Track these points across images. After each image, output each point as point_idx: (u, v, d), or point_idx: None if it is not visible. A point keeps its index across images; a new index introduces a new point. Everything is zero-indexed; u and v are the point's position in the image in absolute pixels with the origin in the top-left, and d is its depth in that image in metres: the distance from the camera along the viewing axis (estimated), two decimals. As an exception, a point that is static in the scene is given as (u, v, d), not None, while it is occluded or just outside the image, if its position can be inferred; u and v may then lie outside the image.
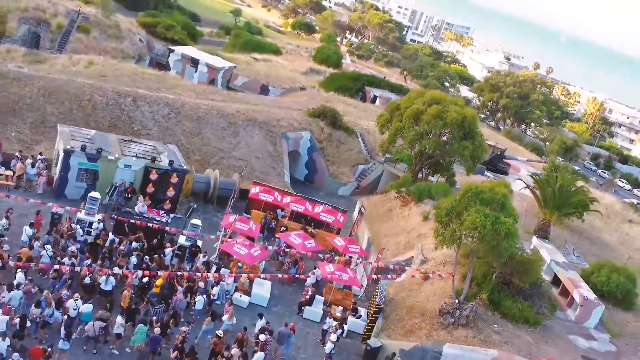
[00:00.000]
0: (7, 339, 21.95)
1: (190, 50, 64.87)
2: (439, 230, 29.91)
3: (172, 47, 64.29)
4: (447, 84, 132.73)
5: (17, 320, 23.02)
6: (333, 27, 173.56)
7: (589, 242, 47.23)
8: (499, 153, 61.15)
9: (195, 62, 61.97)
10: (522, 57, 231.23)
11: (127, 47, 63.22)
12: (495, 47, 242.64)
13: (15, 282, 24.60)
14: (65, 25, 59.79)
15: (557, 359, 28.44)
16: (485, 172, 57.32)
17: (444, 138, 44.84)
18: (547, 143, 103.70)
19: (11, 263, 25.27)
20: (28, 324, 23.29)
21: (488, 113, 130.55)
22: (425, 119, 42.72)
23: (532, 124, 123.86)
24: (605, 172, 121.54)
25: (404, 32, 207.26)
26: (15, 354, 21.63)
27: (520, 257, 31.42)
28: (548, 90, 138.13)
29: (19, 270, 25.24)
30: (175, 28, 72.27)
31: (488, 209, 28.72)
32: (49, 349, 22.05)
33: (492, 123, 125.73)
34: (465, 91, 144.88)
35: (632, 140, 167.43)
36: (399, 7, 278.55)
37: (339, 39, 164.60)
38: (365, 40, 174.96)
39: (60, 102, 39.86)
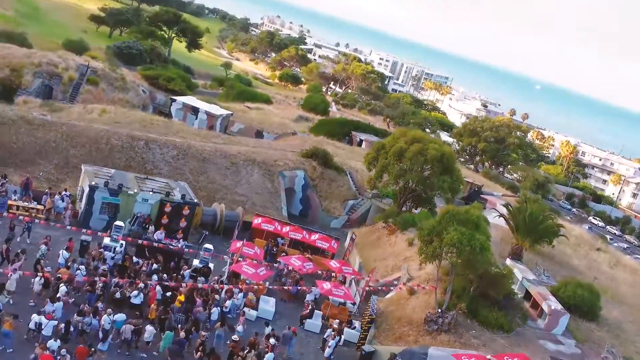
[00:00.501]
0: (58, 340, 25.41)
1: (190, 100, 69.44)
2: (423, 248, 33.93)
3: (174, 97, 68.87)
4: (427, 130, 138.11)
5: (62, 326, 26.56)
6: (318, 78, 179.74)
7: (559, 265, 51.24)
8: (476, 189, 65.52)
9: (195, 110, 66.44)
10: (499, 104, 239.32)
11: (132, 97, 67.63)
12: (473, 95, 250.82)
13: (58, 295, 28.18)
14: (75, 78, 64.17)
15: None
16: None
17: (425, 173, 49.09)
18: (522, 181, 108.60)
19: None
20: (71, 329, 26.80)
21: (467, 157, 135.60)
22: (408, 155, 47.07)
23: (509, 166, 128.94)
24: (579, 210, 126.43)
25: (386, 82, 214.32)
26: (64, 350, 25.07)
27: (493, 272, 35.41)
28: (523, 134, 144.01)
29: (61, 285, 28.82)
30: (175, 80, 77.09)
31: (464, 228, 32.84)
32: (92, 349, 25.61)
33: (472, 166, 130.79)
34: (445, 137, 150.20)
35: (604, 181, 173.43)
36: (380, 58, 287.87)
37: (324, 89, 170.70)
38: (349, 91, 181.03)
39: (81, 145, 43.87)
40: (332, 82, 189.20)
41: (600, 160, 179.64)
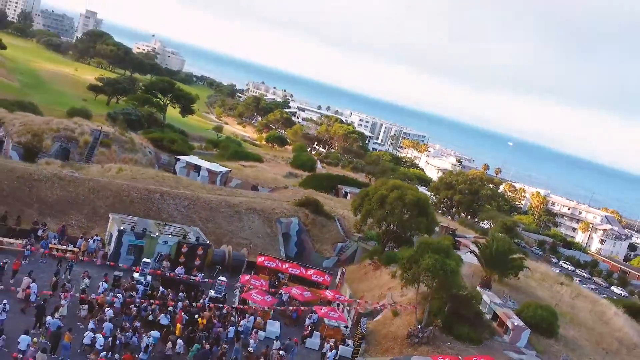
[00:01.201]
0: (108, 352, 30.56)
1: (193, 159, 75.41)
2: (403, 274, 39.60)
3: (178, 157, 74.87)
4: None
5: (109, 340, 31.71)
6: (303, 139, 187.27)
7: (524, 295, 56.67)
8: (451, 232, 71.45)
9: (197, 168, 72.31)
10: (473, 160, 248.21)
11: (140, 157, 73.49)
12: (449, 152, 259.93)
13: (106, 317, 33.38)
14: (90, 141, 70.06)
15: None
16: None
17: (405, 216, 55.02)
18: (492, 226, 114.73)
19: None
20: (117, 342, 31.91)
21: (444, 209, 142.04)
22: (389, 201, 53.10)
23: (480, 214, 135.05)
24: (549, 255, 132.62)
25: (367, 141, 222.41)
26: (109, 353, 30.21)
27: (463, 294, 41.05)
28: (495, 186, 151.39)
29: (107, 309, 34.06)
30: (178, 141, 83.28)
31: (437, 255, 38.64)
32: (135, 356, 30.77)
33: (449, 217, 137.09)
34: (423, 191, 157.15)
35: (574, 229, 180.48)
36: (360, 119, 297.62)
37: (309, 149, 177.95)
38: (333, 150, 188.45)
39: (106, 197, 49.46)
40: (316, 143, 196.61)
41: (569, 209, 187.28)
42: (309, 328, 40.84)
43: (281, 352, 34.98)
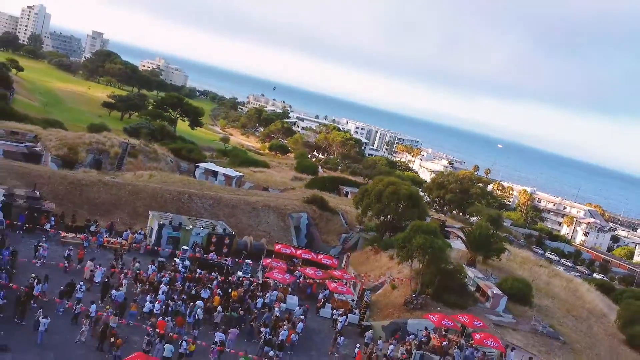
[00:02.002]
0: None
1: (210, 165, 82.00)
2: (399, 253, 46.20)
3: (197, 164, 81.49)
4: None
5: (164, 308, 38.22)
6: (303, 147, 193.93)
7: (506, 274, 62.98)
8: (441, 223, 77.99)
9: (215, 174, 78.81)
10: (464, 162, 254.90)
11: (163, 165, 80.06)
12: (441, 155, 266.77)
13: (160, 291, 39.90)
14: (119, 152, 76.61)
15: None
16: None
17: (399, 208, 61.62)
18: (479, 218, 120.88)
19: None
20: (170, 309, 38.40)
21: (437, 207, 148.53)
22: (385, 195, 59.77)
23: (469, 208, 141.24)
24: (535, 248, 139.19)
25: (363, 147, 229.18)
26: (168, 318, 36.68)
27: (450, 268, 47.64)
28: (484, 185, 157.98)
29: (162, 285, 40.65)
30: (194, 151, 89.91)
31: (427, 235, 45.24)
32: (185, 319, 37.37)
33: (442, 214, 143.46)
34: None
35: (559, 223, 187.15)
36: (356, 127, 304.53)
37: (309, 156, 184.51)
38: (331, 156, 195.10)
39: (143, 198, 56.04)
40: (315, 150, 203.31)
41: (554, 205, 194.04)
42: (322, 300, 47.38)
43: (302, 316, 41.55)
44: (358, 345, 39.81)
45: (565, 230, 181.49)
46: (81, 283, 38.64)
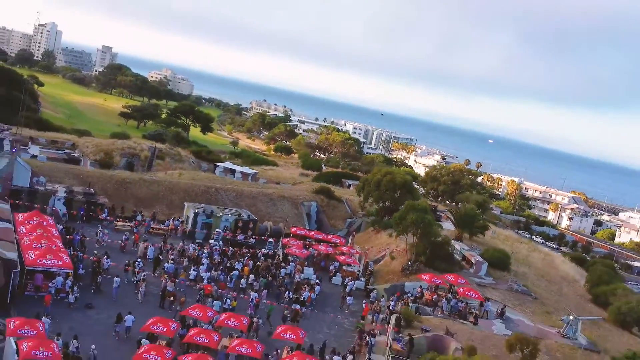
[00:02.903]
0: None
1: (228, 164, 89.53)
2: (396, 227, 53.68)
3: (217, 164, 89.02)
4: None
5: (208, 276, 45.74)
6: (305, 147, 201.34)
7: (489, 248, 70.75)
8: (434, 208, 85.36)
9: (232, 171, 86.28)
10: (456, 157, 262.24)
11: (186, 166, 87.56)
12: (434, 151, 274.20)
13: (204, 264, 47.39)
14: (149, 155, 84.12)
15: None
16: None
17: (396, 195, 69.02)
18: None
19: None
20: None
21: (432, 198, 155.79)
22: (383, 183, 67.22)
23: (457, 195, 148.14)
24: (524, 232, 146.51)
25: (361, 146, 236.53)
26: (213, 284, 44.19)
27: (439, 240, 55.13)
28: (474, 177, 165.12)
29: (203, 258, 48.16)
30: (213, 153, 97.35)
31: (419, 213, 52.71)
32: (227, 285, 44.87)
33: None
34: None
35: (546, 210, 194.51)
36: (354, 127, 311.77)
37: (311, 156, 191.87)
38: (332, 155, 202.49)
39: (178, 192, 63.55)
40: (317, 150, 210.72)
41: (540, 193, 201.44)
42: (333, 271, 54.88)
43: (317, 282, 49.08)
44: (365, 301, 47.35)
45: (551, 216, 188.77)
46: (139, 259, 46.21)
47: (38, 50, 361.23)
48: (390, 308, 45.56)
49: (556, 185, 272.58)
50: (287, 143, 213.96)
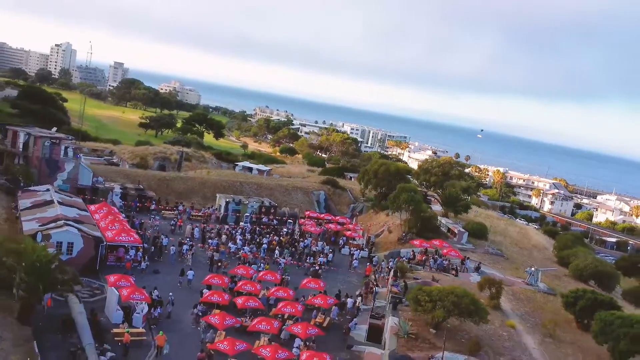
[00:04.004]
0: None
1: (246, 163, 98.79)
2: (392, 206, 62.82)
3: (237, 163, 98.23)
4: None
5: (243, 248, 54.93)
6: (308, 148, 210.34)
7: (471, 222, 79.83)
8: (424, 193, 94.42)
9: (250, 169, 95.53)
10: (447, 151, 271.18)
11: (209, 166, 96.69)
12: (426, 147, 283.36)
13: (238, 241, 56.56)
14: (177, 158, 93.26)
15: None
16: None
17: (391, 182, 78.03)
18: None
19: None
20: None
21: (425, 190, 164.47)
22: (380, 172, 76.35)
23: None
24: (509, 215, 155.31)
25: (359, 145, 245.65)
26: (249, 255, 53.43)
27: (427, 215, 64.28)
28: (462, 168, 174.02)
29: (237, 235, 57.33)
30: (233, 153, 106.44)
31: (410, 193, 61.85)
32: (257, 255, 54.08)
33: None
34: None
35: (529, 195, 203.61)
36: (351, 128, 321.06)
37: (314, 155, 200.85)
38: (333, 154, 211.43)
39: (209, 187, 72.74)
40: (318, 150, 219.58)
41: (524, 181, 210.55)
42: (342, 244, 64.04)
43: (330, 251, 58.32)
44: (368, 263, 56.52)
45: (534, 201, 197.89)
46: (188, 239, 55.35)
47: (55, 68, 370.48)
48: (389, 266, 54.70)
49: (541, 173, 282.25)
50: (291, 145, 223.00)
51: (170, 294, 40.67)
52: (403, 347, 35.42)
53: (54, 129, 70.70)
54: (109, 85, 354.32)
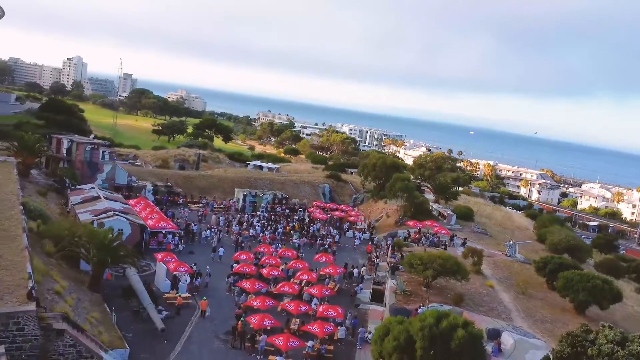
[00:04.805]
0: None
1: (257, 162, 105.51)
2: (389, 192, 69.51)
3: (248, 162, 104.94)
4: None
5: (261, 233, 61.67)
6: (310, 148, 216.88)
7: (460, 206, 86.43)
8: (418, 184, 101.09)
9: (261, 167, 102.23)
10: (440, 148, 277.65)
11: (224, 166, 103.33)
12: (421, 144, 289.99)
13: (257, 227, 63.27)
14: (195, 159, 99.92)
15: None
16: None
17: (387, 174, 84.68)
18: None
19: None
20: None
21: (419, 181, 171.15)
22: (378, 165, 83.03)
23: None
24: (499, 205, 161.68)
25: (357, 144, 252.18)
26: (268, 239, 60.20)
27: (419, 201, 70.92)
28: (454, 162, 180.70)
29: (255, 222, 64.03)
30: (246, 154, 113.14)
31: (404, 182, 68.51)
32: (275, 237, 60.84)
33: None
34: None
35: (518, 186, 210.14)
36: (349, 129, 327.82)
37: (316, 154, 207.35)
38: (333, 154, 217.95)
39: (227, 183, 79.45)
40: (320, 150, 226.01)
41: (512, 173, 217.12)
42: (346, 228, 70.70)
43: (337, 233, 65.03)
44: (369, 243, 63.18)
45: (523, 192, 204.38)
46: (214, 227, 62.03)
47: (67, 81, 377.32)
48: (388, 244, 61.39)
49: (529, 166, 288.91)
50: (294, 146, 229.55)
51: (207, 267, 47.38)
52: (400, 302, 42.05)
53: (92, 135, 77.23)
54: (119, 96, 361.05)
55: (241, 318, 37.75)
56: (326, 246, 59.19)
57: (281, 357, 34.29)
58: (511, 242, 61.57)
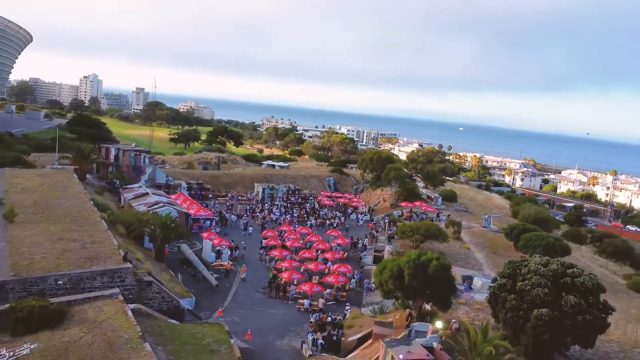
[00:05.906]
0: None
1: (269, 162, 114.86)
2: (384, 180, 78.79)
3: (262, 162, 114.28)
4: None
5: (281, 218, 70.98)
6: (313, 149, 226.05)
7: (445, 190, 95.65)
8: (410, 174, 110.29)
9: (273, 166, 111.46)
10: (430, 143, 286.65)
11: (241, 165, 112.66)
12: (413, 141, 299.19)
13: (275, 213, 72.61)
14: (216, 161, 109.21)
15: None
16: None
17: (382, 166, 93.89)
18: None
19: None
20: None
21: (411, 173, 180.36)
22: (374, 159, 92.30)
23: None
24: (486, 191, 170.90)
25: (355, 144, 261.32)
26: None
27: (411, 186, 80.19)
28: (443, 155, 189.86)
29: (275, 209, 73.38)
30: (258, 155, 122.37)
31: (397, 171, 77.78)
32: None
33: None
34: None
35: (503, 175, 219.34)
36: (347, 130, 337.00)
37: (319, 154, 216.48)
38: (333, 153, 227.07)
39: (248, 179, 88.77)
40: (321, 150, 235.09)
41: (497, 163, 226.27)
42: (350, 212, 79.99)
43: (342, 217, 74.36)
44: (369, 223, 72.49)
45: (507, 179, 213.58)
46: (245, 216, 71.34)
47: (85, 97, 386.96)
48: (385, 221, 70.68)
49: (514, 157, 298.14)
50: (298, 147, 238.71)
51: (243, 242, 56.77)
52: (396, 260, 51.32)
53: (133, 144, 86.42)
54: (133, 109, 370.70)
55: (275, 275, 47.15)
56: (335, 225, 68.48)
57: (307, 301, 43.60)
58: (486, 216, 70.85)
